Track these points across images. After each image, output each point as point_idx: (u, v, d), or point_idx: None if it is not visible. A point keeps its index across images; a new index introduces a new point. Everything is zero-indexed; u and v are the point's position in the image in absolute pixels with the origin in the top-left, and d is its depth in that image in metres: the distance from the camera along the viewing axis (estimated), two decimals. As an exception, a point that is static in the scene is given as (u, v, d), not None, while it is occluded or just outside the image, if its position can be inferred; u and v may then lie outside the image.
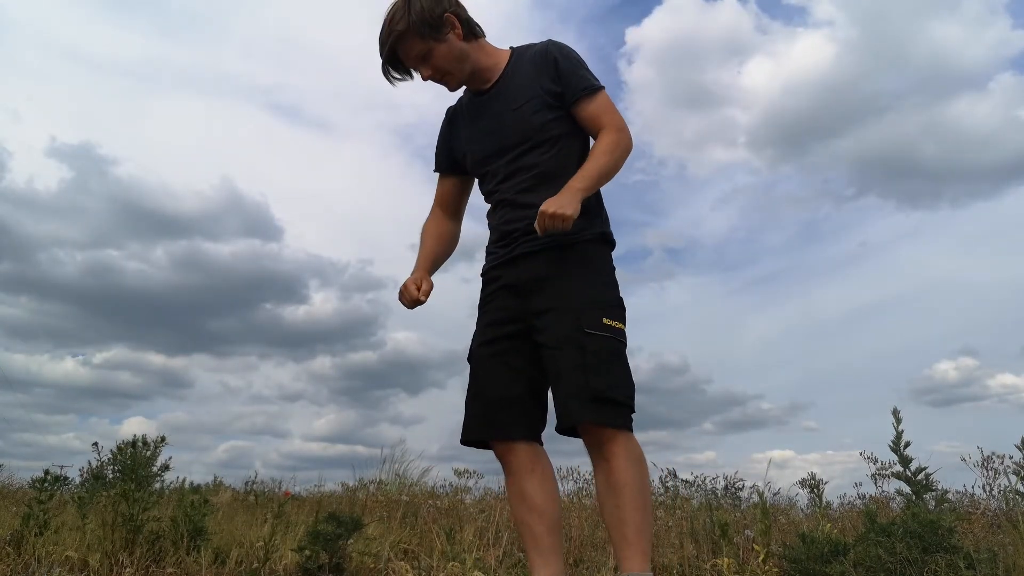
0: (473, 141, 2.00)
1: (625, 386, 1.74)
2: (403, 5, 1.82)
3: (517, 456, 1.85)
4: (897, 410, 3.24)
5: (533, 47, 1.97)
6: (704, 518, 3.98)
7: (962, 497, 4.95)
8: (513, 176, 1.90)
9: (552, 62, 1.90)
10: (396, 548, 3.60)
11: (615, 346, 1.76)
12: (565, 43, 1.96)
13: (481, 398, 1.89)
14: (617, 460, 1.67)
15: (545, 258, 1.83)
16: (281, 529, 3.52)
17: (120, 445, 4.08)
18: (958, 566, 2.61)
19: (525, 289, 1.85)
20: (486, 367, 1.90)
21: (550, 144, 1.88)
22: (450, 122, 2.11)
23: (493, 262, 1.96)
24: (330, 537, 3.25)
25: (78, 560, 3.06)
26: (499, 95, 1.95)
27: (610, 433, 1.69)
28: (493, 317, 1.92)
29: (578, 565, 3.58)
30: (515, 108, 1.89)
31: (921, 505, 3.10)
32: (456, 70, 1.91)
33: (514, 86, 1.93)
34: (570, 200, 1.69)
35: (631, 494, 1.66)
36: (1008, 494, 3.98)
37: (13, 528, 3.27)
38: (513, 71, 1.95)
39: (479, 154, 1.98)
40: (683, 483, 6.06)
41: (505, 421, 1.84)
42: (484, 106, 1.98)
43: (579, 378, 1.69)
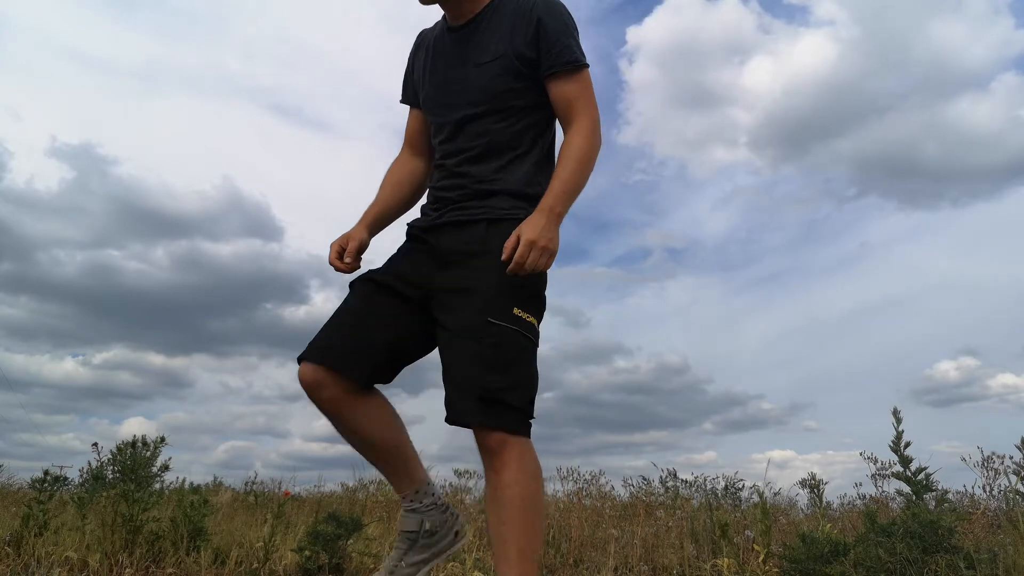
0: (430, 81, 1.83)
1: (524, 388, 1.57)
2: None
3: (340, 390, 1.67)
4: (897, 410, 3.24)
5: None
6: (704, 518, 3.98)
7: (962, 497, 4.96)
8: (458, 137, 1.75)
9: (535, 23, 1.67)
10: (396, 548, 3.60)
11: (521, 341, 1.58)
12: (559, 3, 1.74)
13: (345, 328, 1.71)
14: (507, 473, 1.51)
15: (471, 232, 1.68)
16: (281, 529, 3.52)
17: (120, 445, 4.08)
18: (958, 566, 2.61)
19: (444, 260, 1.71)
20: (371, 303, 1.72)
21: (506, 114, 1.71)
22: (417, 48, 1.94)
23: (422, 223, 1.82)
24: (330, 537, 3.25)
25: (78, 560, 3.06)
26: (470, 38, 1.75)
27: (501, 439, 1.52)
28: (403, 271, 1.76)
29: (578, 565, 3.57)
30: (479, 64, 1.72)
31: (921, 505, 3.10)
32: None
33: (487, 34, 1.73)
34: (553, 229, 1.56)
35: (518, 512, 1.50)
36: (1008, 494, 3.98)
37: (13, 528, 3.27)
38: (493, 14, 1.74)
39: (431, 99, 1.83)
40: (683, 483, 6.07)
41: (357, 358, 1.67)
42: (452, 45, 1.79)
43: (472, 373, 1.53)
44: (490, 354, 1.54)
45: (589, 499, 5.30)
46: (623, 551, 3.69)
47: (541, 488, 1.59)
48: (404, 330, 1.73)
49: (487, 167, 1.71)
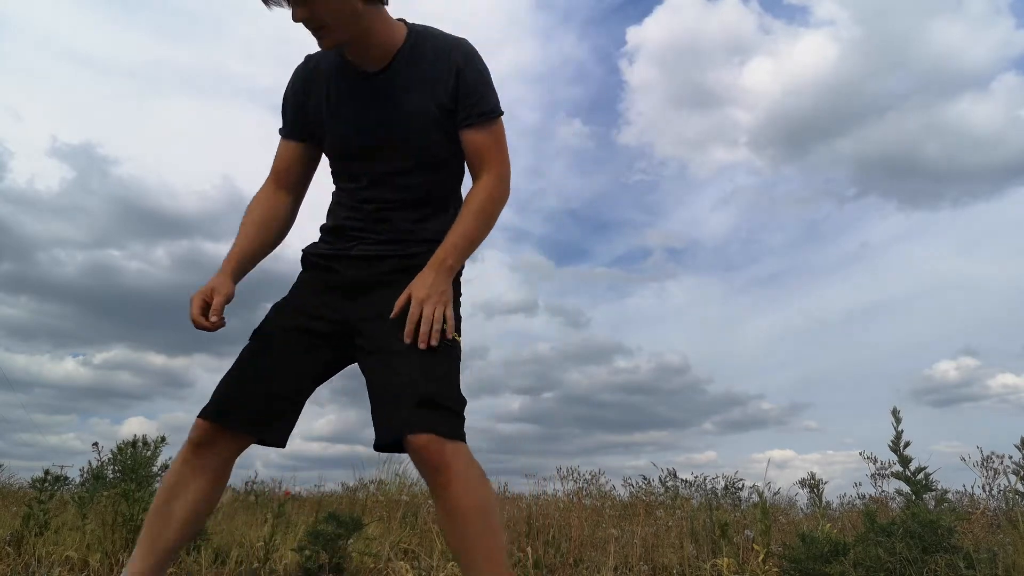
0: (340, 124, 1.69)
1: (459, 398, 1.55)
2: None
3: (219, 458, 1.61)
4: (897, 410, 3.24)
5: (437, 38, 1.64)
6: (704, 518, 3.99)
7: (962, 497, 4.97)
8: (378, 187, 1.68)
9: (455, 74, 1.60)
10: (396, 548, 3.60)
11: (453, 355, 1.59)
12: (475, 51, 1.65)
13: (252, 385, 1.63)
14: (457, 483, 1.45)
15: (383, 266, 1.66)
16: (281, 529, 3.53)
17: (120, 445, 4.10)
18: (958, 566, 2.61)
19: (352, 291, 1.67)
20: (277, 353, 1.65)
21: (430, 167, 1.67)
22: (311, 79, 1.72)
23: (325, 250, 1.74)
24: (330, 537, 3.25)
25: (78, 560, 3.06)
26: (388, 86, 1.62)
27: (439, 445, 1.46)
28: (307, 312, 1.68)
29: (578, 565, 3.58)
30: (403, 115, 1.62)
31: (921, 505, 3.10)
32: (339, 29, 1.52)
33: (408, 83, 1.62)
34: (444, 282, 1.56)
35: (476, 519, 1.45)
36: (1008, 494, 3.98)
37: (13, 528, 3.28)
38: (409, 60, 1.62)
39: (343, 144, 1.71)
40: (683, 483, 6.08)
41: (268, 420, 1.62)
42: (368, 90, 1.65)
43: (411, 384, 1.49)
44: (427, 366, 1.51)
45: (589, 499, 5.31)
46: (623, 551, 3.70)
47: (491, 490, 1.55)
48: (309, 379, 1.69)
49: (407, 216, 1.67)
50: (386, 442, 1.51)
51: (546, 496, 5.33)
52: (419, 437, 1.45)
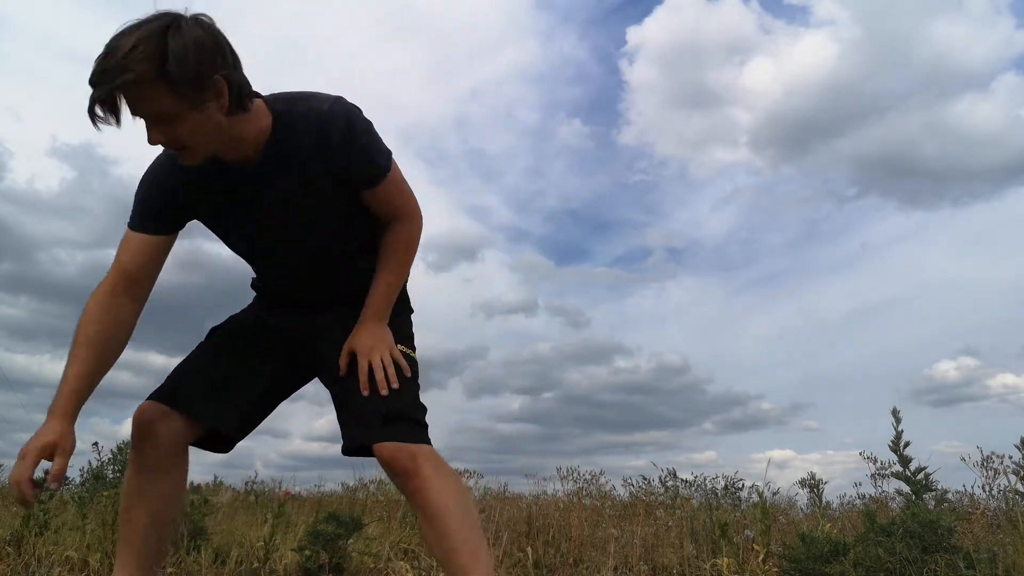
0: (234, 224, 1.60)
1: (420, 408, 1.60)
2: (156, 39, 1.22)
3: (163, 451, 1.57)
4: (897, 410, 3.24)
5: (307, 115, 1.45)
6: (704, 518, 3.99)
7: (962, 497, 4.97)
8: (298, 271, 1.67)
9: (337, 149, 1.46)
10: (396, 548, 3.61)
11: (415, 370, 1.64)
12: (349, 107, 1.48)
13: (210, 373, 1.63)
14: (430, 486, 1.47)
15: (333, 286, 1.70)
16: (281, 529, 3.53)
17: (120, 445, 4.09)
18: (958, 566, 2.61)
19: (307, 310, 1.71)
20: (232, 350, 1.67)
21: (343, 234, 1.63)
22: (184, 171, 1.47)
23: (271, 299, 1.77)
24: (330, 537, 3.25)
25: (78, 560, 3.06)
26: (269, 176, 1.48)
27: (408, 451, 1.49)
28: (266, 324, 1.72)
29: (578, 565, 3.58)
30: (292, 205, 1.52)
31: (921, 505, 3.10)
32: (200, 146, 1.35)
33: (288, 168, 1.48)
34: (380, 329, 1.60)
35: (454, 517, 1.46)
36: (1008, 494, 3.99)
37: (13, 528, 3.27)
38: (284, 147, 1.46)
39: (245, 246, 1.67)
40: (683, 483, 6.08)
41: (218, 407, 1.61)
42: (248, 184, 1.49)
43: (372, 404, 1.52)
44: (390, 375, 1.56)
45: (589, 499, 5.32)
46: (623, 551, 3.70)
47: (464, 488, 1.58)
48: (265, 385, 1.71)
49: (332, 280, 1.69)
50: (353, 448, 1.55)
51: (546, 496, 5.34)
52: (386, 446, 1.48)
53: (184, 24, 1.26)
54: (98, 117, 1.27)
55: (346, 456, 1.58)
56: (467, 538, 1.45)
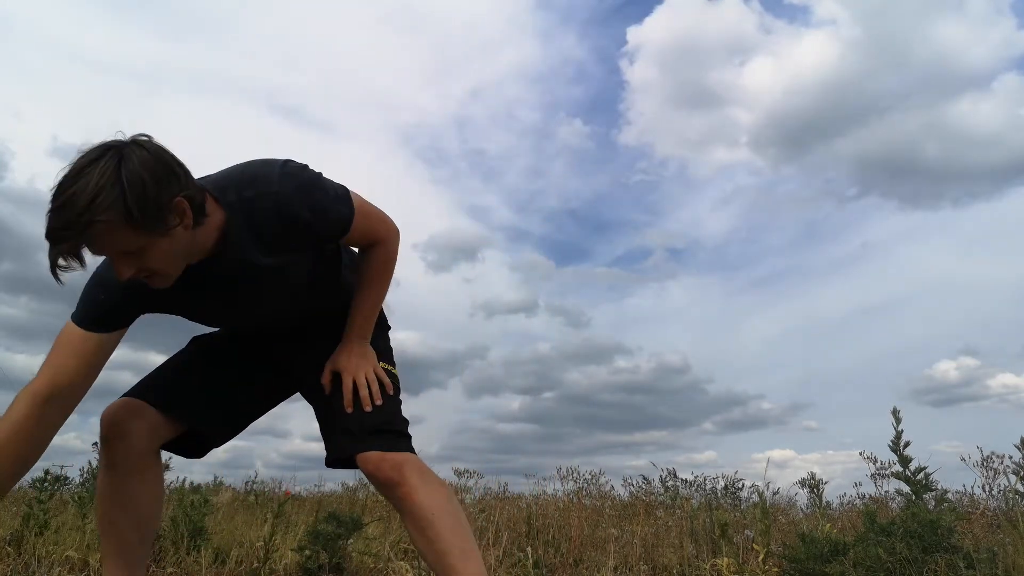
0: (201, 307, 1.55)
1: (402, 420, 1.63)
2: (113, 183, 1.15)
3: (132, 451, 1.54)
4: (897, 410, 3.25)
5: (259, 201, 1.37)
6: (704, 518, 3.99)
7: (962, 497, 4.96)
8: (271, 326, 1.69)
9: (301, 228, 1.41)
10: (396, 548, 3.61)
11: (396, 384, 1.68)
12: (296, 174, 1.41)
13: (190, 375, 1.63)
14: (418, 493, 1.48)
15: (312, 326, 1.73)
16: (281, 529, 3.53)
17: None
18: (958, 566, 2.61)
19: (285, 334, 1.72)
20: (216, 358, 1.68)
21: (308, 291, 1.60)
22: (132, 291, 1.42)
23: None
24: (330, 537, 3.25)
25: (78, 560, 3.06)
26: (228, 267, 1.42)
27: (396, 461, 1.50)
28: (248, 339, 1.73)
29: (578, 565, 3.58)
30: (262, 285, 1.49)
31: (921, 505, 3.10)
32: (172, 268, 1.31)
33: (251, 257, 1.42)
34: (362, 347, 1.63)
35: (442, 522, 1.47)
36: (1008, 494, 3.99)
37: (13, 528, 3.28)
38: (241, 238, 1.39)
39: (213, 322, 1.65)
40: (683, 483, 6.08)
41: (199, 408, 1.61)
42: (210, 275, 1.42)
43: (356, 420, 1.55)
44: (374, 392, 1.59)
45: (589, 499, 5.31)
46: (623, 550, 3.70)
47: (450, 492, 1.58)
48: (246, 395, 1.72)
49: (311, 317, 1.71)
50: (337, 459, 1.57)
51: (546, 496, 5.34)
52: (371, 456, 1.50)
53: (133, 156, 1.19)
54: (61, 269, 1.20)
55: (330, 468, 1.60)
56: (457, 540, 1.46)
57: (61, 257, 1.18)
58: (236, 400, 1.70)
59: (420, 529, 1.48)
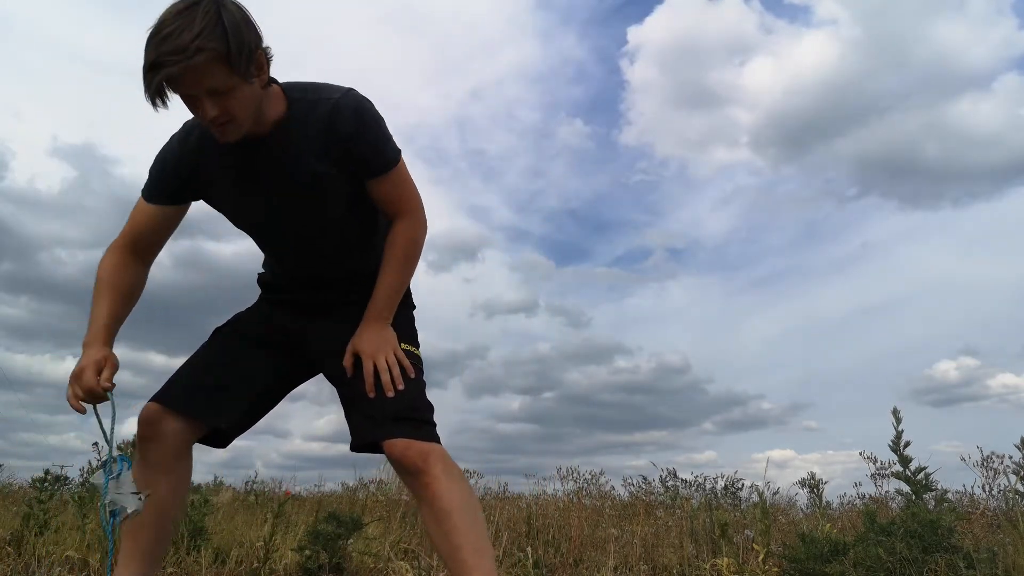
0: (237, 200, 1.65)
1: (427, 407, 1.62)
2: (212, 19, 1.30)
3: (166, 451, 1.62)
4: (897, 410, 3.25)
5: (321, 102, 1.53)
6: (704, 518, 3.99)
7: (962, 497, 4.96)
8: (300, 254, 1.71)
9: (348, 136, 1.52)
10: (396, 548, 3.61)
11: (420, 368, 1.67)
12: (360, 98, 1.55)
13: (211, 375, 1.67)
14: (438, 483, 1.49)
15: (338, 287, 1.73)
16: (281, 529, 3.53)
17: (120, 445, 4.07)
18: (958, 566, 2.61)
19: (312, 312, 1.74)
20: (235, 353, 1.71)
21: (342, 223, 1.65)
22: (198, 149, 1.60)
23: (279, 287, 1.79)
24: (330, 537, 3.25)
25: (78, 560, 3.06)
26: (280, 154, 1.55)
27: (424, 451, 1.52)
28: (271, 323, 1.75)
29: (578, 565, 3.58)
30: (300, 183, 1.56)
31: (921, 505, 3.10)
32: (245, 118, 1.45)
33: (298, 149, 1.54)
34: (384, 330, 1.63)
35: (460, 516, 1.48)
36: (1008, 494, 3.99)
37: (14, 528, 3.28)
38: (296, 127, 1.54)
39: (245, 219, 1.70)
40: (683, 483, 6.08)
41: (220, 408, 1.65)
42: (258, 160, 1.56)
43: (380, 405, 1.55)
44: (395, 376, 1.58)
45: (589, 499, 5.31)
46: (623, 550, 3.70)
47: (470, 487, 1.60)
48: (267, 383, 1.73)
49: (335, 270, 1.72)
50: (362, 444, 1.58)
51: (546, 496, 5.34)
52: (397, 443, 1.51)
53: (229, 5, 1.35)
54: (162, 97, 1.36)
55: (354, 452, 1.61)
56: (472, 536, 1.47)
57: (161, 84, 1.33)
58: (255, 391, 1.71)
59: (437, 520, 1.49)
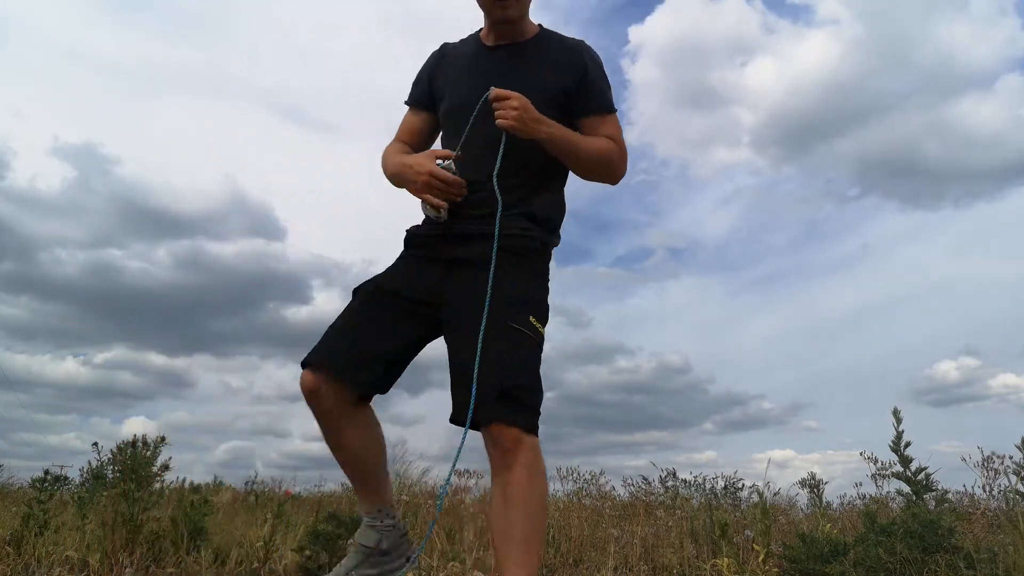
0: (460, 94, 1.84)
1: (537, 390, 1.63)
2: None
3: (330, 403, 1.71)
4: (897, 410, 3.24)
5: (565, 39, 1.90)
6: (704, 518, 3.98)
7: (962, 497, 4.95)
8: (491, 154, 1.73)
9: (581, 68, 1.83)
10: (396, 548, 3.60)
11: (535, 349, 1.67)
12: (597, 55, 1.89)
13: (350, 335, 1.74)
14: (518, 470, 1.54)
15: (482, 247, 1.69)
16: (281, 529, 3.53)
17: (120, 445, 4.08)
18: (958, 566, 2.61)
19: (450, 268, 1.75)
20: (374, 312, 1.76)
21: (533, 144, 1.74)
22: (442, 56, 1.99)
23: (425, 231, 1.83)
24: (330, 537, 3.25)
25: (78, 560, 3.06)
26: (516, 63, 1.84)
27: (515, 437, 1.56)
28: (408, 280, 1.79)
29: (578, 565, 3.58)
30: (522, 86, 1.73)
31: (921, 505, 3.10)
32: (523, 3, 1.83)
33: (534, 63, 1.84)
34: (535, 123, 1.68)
35: (525, 509, 1.54)
36: (1008, 494, 3.98)
37: (13, 528, 3.27)
38: (539, 46, 1.87)
39: (462, 104, 1.81)
40: (683, 483, 6.06)
41: (360, 368, 1.71)
42: (491, 64, 1.86)
43: (491, 372, 1.56)
44: (509, 356, 1.60)
45: (589, 499, 5.31)
46: (623, 551, 3.69)
47: (546, 486, 1.65)
48: (405, 340, 1.77)
49: (516, 188, 1.74)
50: (461, 421, 1.60)
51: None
52: (494, 425, 1.57)
53: None
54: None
55: (452, 424, 1.65)
56: (528, 532, 1.53)
57: None
58: (392, 352, 1.76)
59: (504, 505, 1.55)
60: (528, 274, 1.74)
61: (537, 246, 1.77)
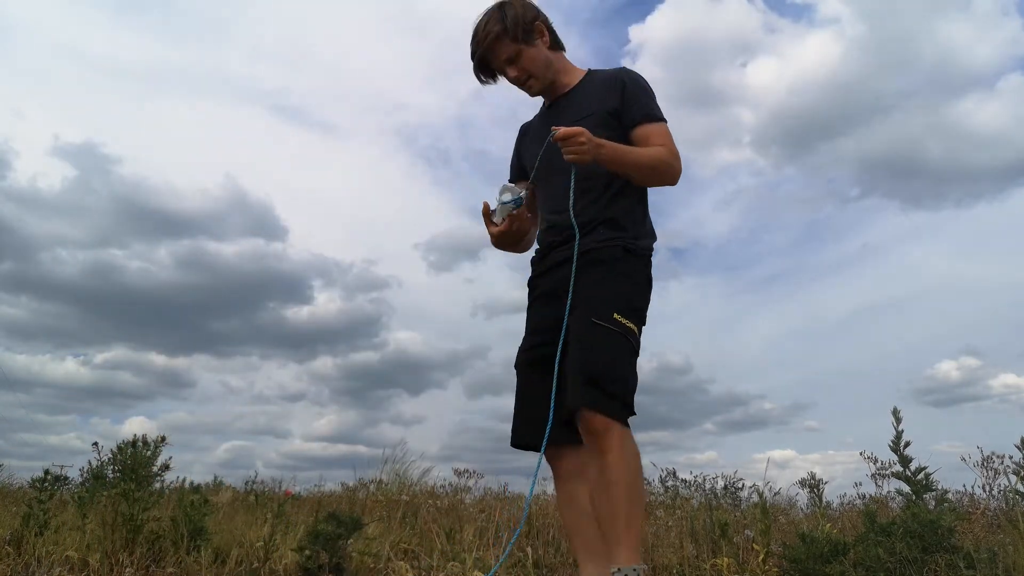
0: (534, 144, 2.04)
1: (623, 381, 1.76)
2: (497, 10, 1.97)
3: (563, 461, 1.92)
4: (897, 410, 3.24)
5: (606, 71, 2.09)
6: (704, 518, 3.98)
7: (962, 497, 4.95)
8: (563, 189, 1.91)
9: (620, 85, 1.99)
10: (396, 548, 3.61)
11: (622, 342, 1.78)
12: (637, 73, 2.05)
13: (523, 405, 1.97)
14: (612, 454, 1.69)
15: (571, 266, 1.87)
16: (281, 529, 3.53)
17: (120, 445, 4.08)
18: (958, 566, 2.61)
19: (556, 295, 1.91)
20: (526, 374, 1.99)
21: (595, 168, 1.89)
22: (523, 135, 2.24)
23: (533, 272, 2.09)
24: (330, 537, 3.25)
25: (78, 560, 3.06)
26: (566, 106, 2.05)
27: (605, 423, 1.70)
28: (534, 325, 2.03)
29: (578, 565, 3.57)
30: (575, 120, 1.90)
31: (921, 505, 3.10)
32: (540, 75, 2.03)
33: (581, 99, 2.03)
34: (597, 150, 1.79)
35: (622, 490, 1.68)
36: (1008, 494, 3.98)
37: (13, 528, 3.27)
38: (583, 88, 2.06)
39: (540, 171, 1.99)
40: (683, 483, 6.07)
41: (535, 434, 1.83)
42: (551, 116, 2.05)
43: (579, 364, 1.73)
44: (596, 350, 1.74)
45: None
46: (623, 551, 3.68)
47: (640, 467, 1.79)
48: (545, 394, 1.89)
49: (592, 204, 1.91)
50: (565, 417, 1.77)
51: (546, 496, 5.33)
52: (584, 412, 1.72)
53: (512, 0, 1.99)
54: (482, 82, 2.07)
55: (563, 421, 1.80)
56: (628, 510, 1.68)
57: (478, 65, 2.04)
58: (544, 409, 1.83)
59: (602, 489, 1.71)
60: (614, 276, 1.87)
61: (619, 252, 1.90)
